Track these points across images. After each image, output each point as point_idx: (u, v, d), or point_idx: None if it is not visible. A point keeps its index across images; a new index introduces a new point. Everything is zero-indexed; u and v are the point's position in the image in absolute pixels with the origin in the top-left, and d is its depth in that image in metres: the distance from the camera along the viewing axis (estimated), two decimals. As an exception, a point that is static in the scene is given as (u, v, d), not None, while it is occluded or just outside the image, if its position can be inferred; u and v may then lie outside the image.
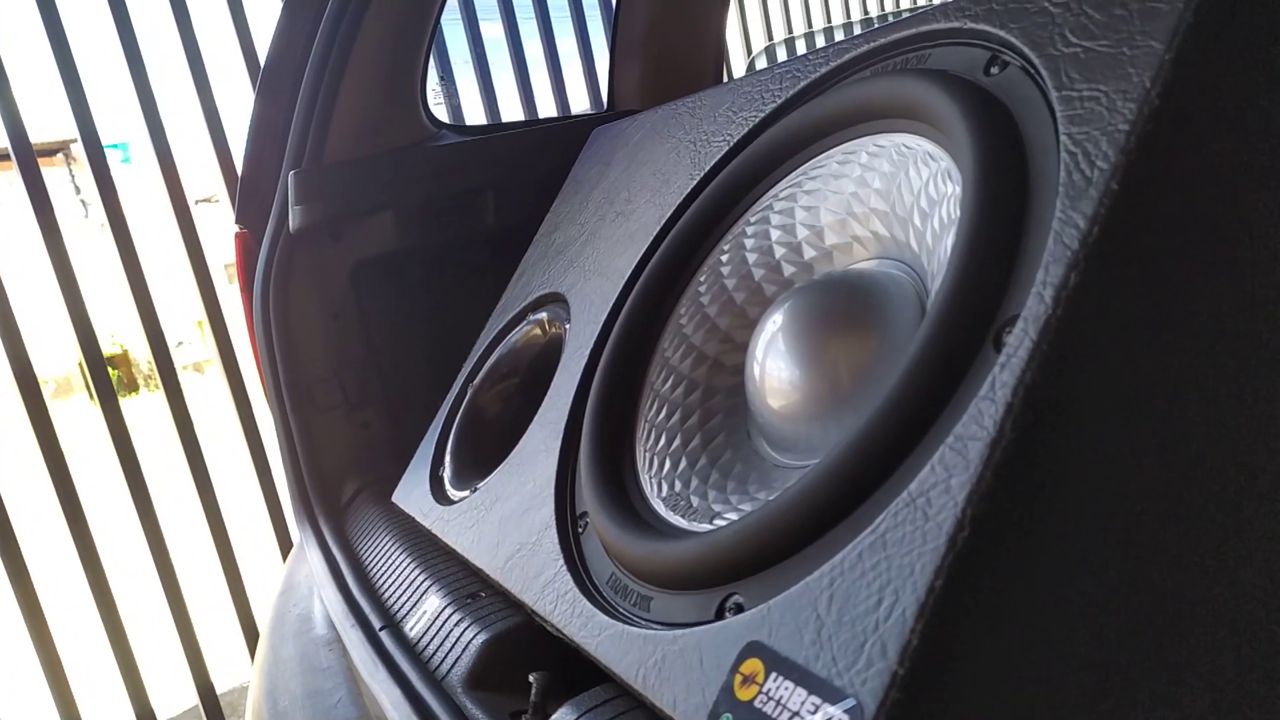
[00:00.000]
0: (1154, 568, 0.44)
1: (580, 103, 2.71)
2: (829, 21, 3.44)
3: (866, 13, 3.61)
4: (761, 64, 2.64)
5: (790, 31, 3.26)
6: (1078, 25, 0.50)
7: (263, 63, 1.13)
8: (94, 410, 1.97)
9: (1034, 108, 0.51)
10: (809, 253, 0.70)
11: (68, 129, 1.89)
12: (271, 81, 1.12)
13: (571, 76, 2.70)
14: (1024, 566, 0.40)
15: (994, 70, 0.56)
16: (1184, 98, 0.43)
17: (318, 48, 1.09)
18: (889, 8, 3.76)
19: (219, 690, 2.07)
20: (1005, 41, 0.56)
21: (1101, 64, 0.47)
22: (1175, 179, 0.44)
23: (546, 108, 2.65)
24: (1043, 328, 0.42)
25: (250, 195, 1.12)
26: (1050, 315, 0.42)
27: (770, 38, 3.21)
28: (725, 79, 1.72)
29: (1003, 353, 0.43)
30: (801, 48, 2.86)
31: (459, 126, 1.30)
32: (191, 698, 2.07)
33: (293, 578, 1.06)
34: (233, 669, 2.27)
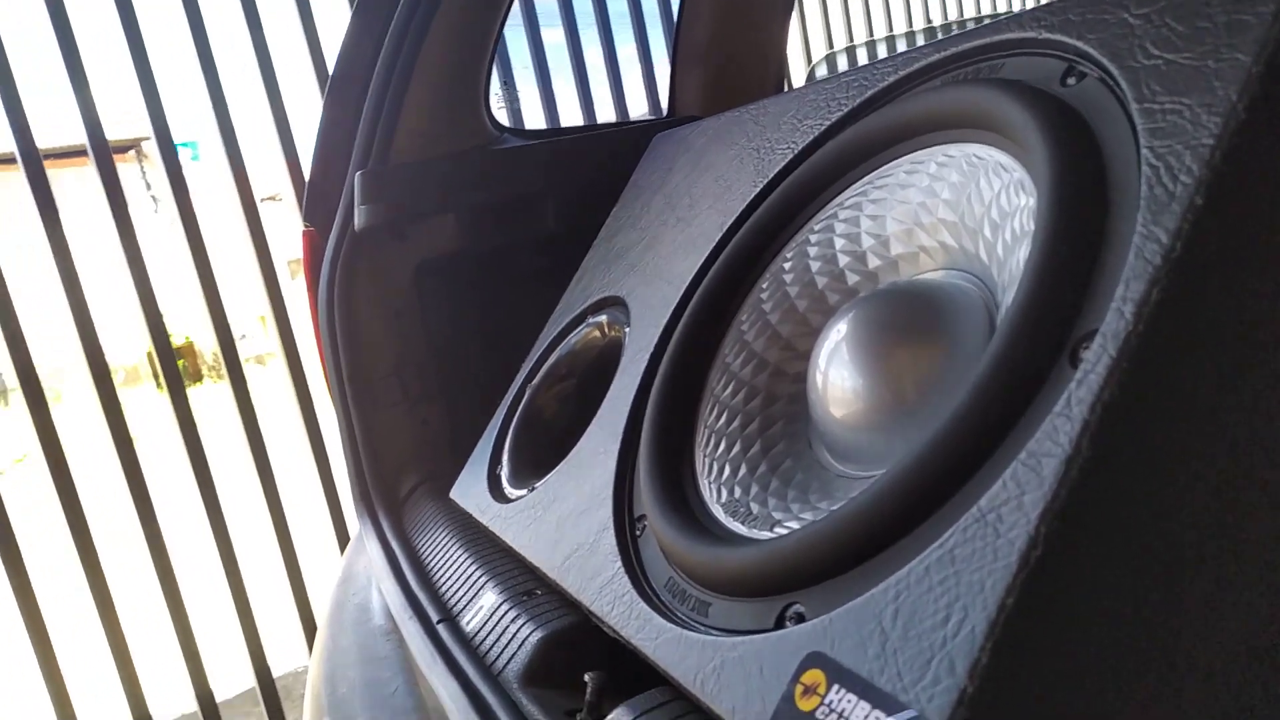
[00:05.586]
0: (1230, 591, 0.43)
1: (639, 107, 2.73)
2: (891, 30, 3.40)
3: (929, 21, 3.57)
4: (822, 72, 2.62)
5: (851, 40, 3.23)
6: (1159, 37, 0.49)
7: (331, 67, 1.16)
8: (160, 399, 2.03)
9: (1113, 120, 0.50)
10: (874, 262, 0.70)
11: (140, 127, 1.96)
12: (340, 85, 1.14)
13: (630, 83, 2.73)
14: (1098, 587, 0.39)
15: (1070, 81, 0.55)
16: (1271, 111, 0.42)
17: (385, 53, 1.11)
18: (952, 16, 3.71)
19: (275, 674, 2.12)
20: (1082, 52, 0.55)
21: (1184, 76, 0.46)
22: (1261, 194, 0.43)
23: (605, 113, 2.67)
24: (1123, 344, 0.41)
25: (317, 196, 1.15)
26: (1130, 331, 0.41)
27: (831, 46, 3.19)
28: (786, 88, 1.72)
29: (1080, 368, 0.42)
30: (863, 56, 2.83)
31: (520, 130, 1.32)
32: (249, 680, 2.13)
33: (351, 568, 1.08)
34: (289, 654, 2.32)
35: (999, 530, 0.41)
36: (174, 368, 1.99)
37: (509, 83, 2.30)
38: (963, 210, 0.63)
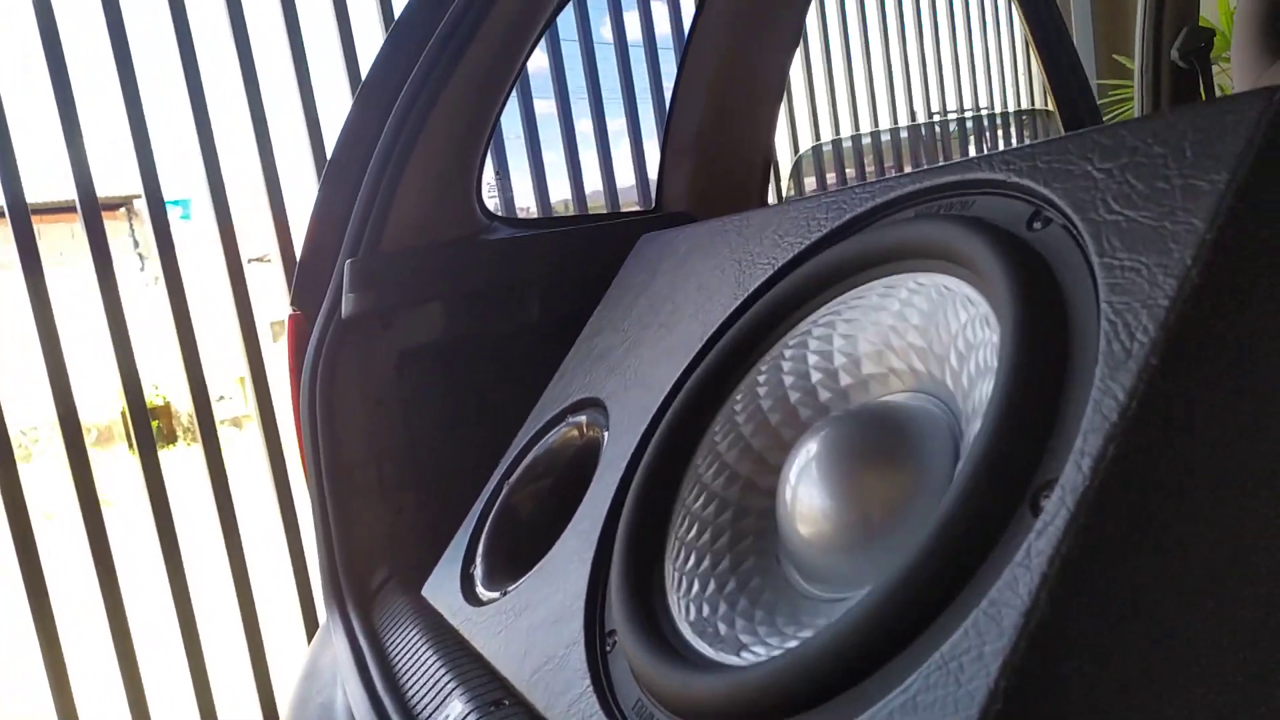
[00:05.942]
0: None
1: (625, 173, 2.85)
2: (876, 126, 3.54)
3: (914, 119, 3.71)
4: (808, 164, 2.71)
5: (838, 133, 3.36)
6: (1120, 193, 0.52)
7: (325, 128, 1.18)
8: (133, 460, 2.01)
9: (1075, 269, 0.53)
10: (845, 380, 0.71)
11: (131, 184, 1.98)
12: (337, 170, 1.17)
13: (619, 154, 2.85)
14: (1055, 744, 0.40)
15: (1036, 225, 0.58)
16: (1225, 278, 0.44)
17: (383, 142, 1.14)
18: (935, 112, 3.86)
19: (228, 755, 2.05)
20: (1048, 199, 0.57)
21: (1143, 235, 0.48)
22: (1215, 358, 0.44)
23: (592, 178, 2.79)
24: (1080, 498, 0.42)
25: (307, 279, 1.16)
26: (1088, 486, 0.42)
27: (817, 138, 3.31)
28: (771, 178, 1.76)
29: (1040, 518, 0.44)
30: (848, 146, 2.94)
31: (510, 220, 1.35)
32: (201, 760, 2.06)
33: (316, 662, 1.06)
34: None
35: (960, 680, 0.41)
36: (147, 433, 1.98)
37: (502, 172, 2.36)
38: (931, 337, 0.65)
